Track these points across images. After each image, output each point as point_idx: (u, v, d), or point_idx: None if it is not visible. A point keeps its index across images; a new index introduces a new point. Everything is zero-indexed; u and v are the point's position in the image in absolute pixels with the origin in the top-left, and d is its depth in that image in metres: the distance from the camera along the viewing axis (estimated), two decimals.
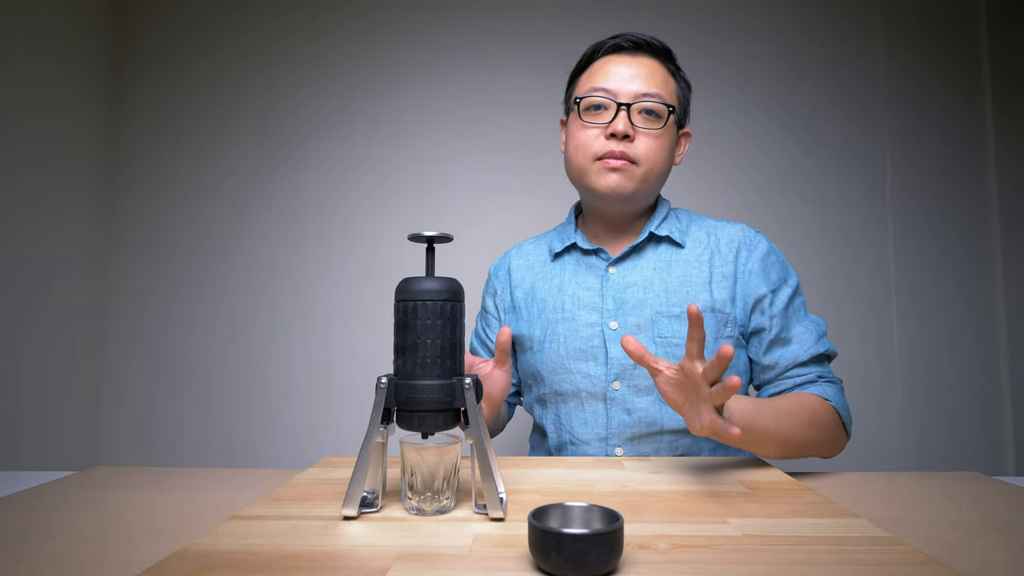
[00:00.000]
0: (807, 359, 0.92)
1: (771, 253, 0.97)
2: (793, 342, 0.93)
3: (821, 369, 0.93)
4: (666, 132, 0.94)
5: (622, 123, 0.90)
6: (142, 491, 0.74)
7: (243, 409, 1.81)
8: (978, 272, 1.79)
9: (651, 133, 0.92)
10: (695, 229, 1.00)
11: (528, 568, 0.47)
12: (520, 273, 1.08)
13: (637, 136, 0.92)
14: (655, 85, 0.93)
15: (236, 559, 0.49)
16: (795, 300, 0.95)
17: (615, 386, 0.93)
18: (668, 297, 0.94)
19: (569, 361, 0.96)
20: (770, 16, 1.84)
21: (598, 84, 0.94)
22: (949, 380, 1.77)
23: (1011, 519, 0.63)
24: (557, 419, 0.98)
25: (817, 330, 0.94)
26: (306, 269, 1.84)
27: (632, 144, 0.92)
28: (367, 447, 0.59)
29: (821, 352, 0.92)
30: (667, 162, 0.96)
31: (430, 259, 0.62)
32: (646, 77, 0.92)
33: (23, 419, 1.53)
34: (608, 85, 0.93)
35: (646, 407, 0.92)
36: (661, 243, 0.99)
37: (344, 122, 1.86)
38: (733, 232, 0.98)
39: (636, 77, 0.92)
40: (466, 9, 1.86)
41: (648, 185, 0.95)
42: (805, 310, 0.96)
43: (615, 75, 0.93)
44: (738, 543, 0.52)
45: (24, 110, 1.52)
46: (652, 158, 0.93)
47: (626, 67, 0.93)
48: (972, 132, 1.81)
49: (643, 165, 0.92)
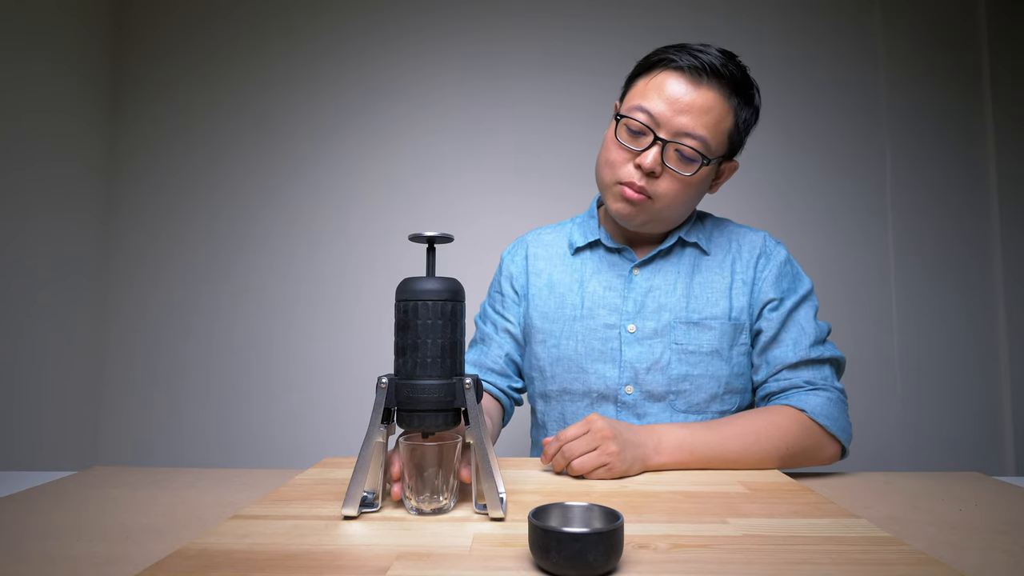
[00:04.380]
0: (796, 361, 0.90)
1: (788, 263, 0.97)
2: (784, 344, 0.92)
3: (813, 374, 0.89)
4: (695, 178, 0.89)
5: (651, 159, 0.86)
6: (142, 491, 0.74)
7: (243, 409, 1.81)
8: (978, 272, 1.79)
9: (678, 177, 0.88)
10: (718, 235, 1.00)
11: (528, 567, 0.47)
12: (538, 262, 1.05)
13: (663, 174, 0.88)
14: (703, 127, 0.86)
15: (236, 559, 0.49)
16: (801, 306, 0.94)
17: (628, 390, 0.93)
18: (689, 303, 0.94)
19: (585, 360, 0.95)
20: (770, 16, 1.84)
21: (646, 104, 0.87)
22: (949, 380, 1.77)
23: (1011, 519, 0.63)
24: (562, 417, 0.98)
25: (816, 335, 0.91)
26: (306, 269, 1.84)
27: (656, 181, 0.88)
28: (367, 447, 0.59)
29: (814, 357, 0.90)
30: (690, 201, 0.92)
31: (430, 259, 0.62)
32: (697, 114, 0.86)
33: (23, 419, 1.53)
34: (655, 108, 0.86)
35: (656, 413, 0.92)
36: (687, 247, 0.98)
37: (344, 122, 1.86)
38: (755, 240, 0.98)
39: (686, 111, 0.85)
40: (466, 9, 1.86)
41: (663, 220, 0.93)
42: (813, 317, 0.94)
43: (666, 100, 0.86)
44: (738, 543, 0.52)
45: (24, 110, 1.52)
46: (671, 198, 0.90)
47: (681, 95, 0.86)
48: (972, 132, 1.81)
49: (660, 203, 0.90)
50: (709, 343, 0.92)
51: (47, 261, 1.60)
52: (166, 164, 1.86)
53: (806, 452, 0.84)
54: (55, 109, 1.63)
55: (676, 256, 0.97)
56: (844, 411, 0.89)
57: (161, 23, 1.87)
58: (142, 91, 1.86)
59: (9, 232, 1.49)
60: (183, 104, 1.86)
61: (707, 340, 0.92)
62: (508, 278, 1.07)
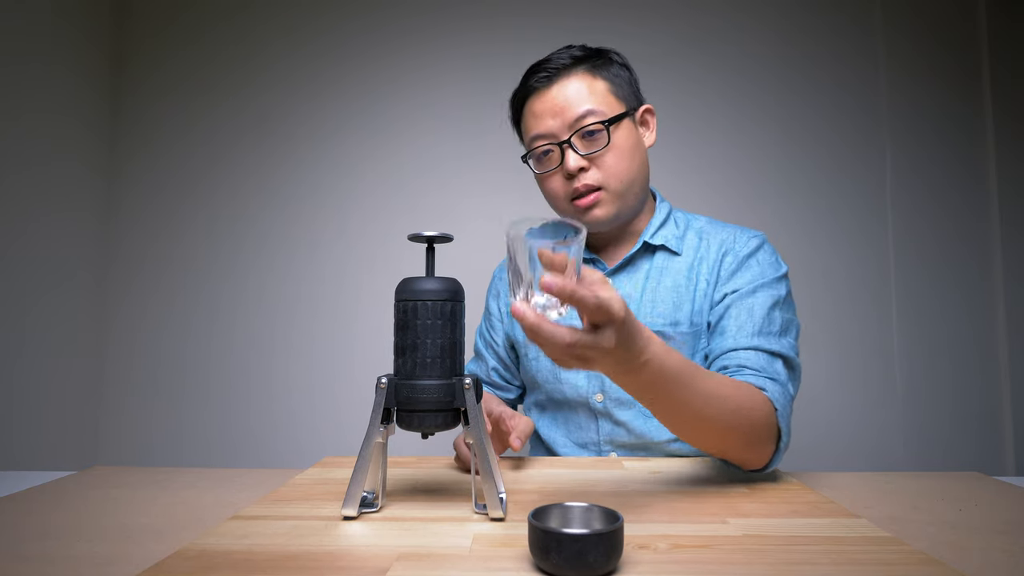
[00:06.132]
0: (734, 348, 0.81)
1: (754, 254, 0.90)
2: (727, 332, 0.84)
3: (764, 361, 0.79)
4: (617, 141, 0.89)
5: (572, 160, 0.88)
6: (142, 491, 0.74)
7: (243, 409, 1.81)
8: (978, 272, 1.79)
9: (603, 155, 0.88)
10: (691, 235, 0.96)
11: (528, 568, 0.47)
12: None
13: (591, 162, 0.89)
14: (583, 103, 0.88)
15: (236, 559, 0.49)
16: (758, 292, 0.85)
17: (598, 398, 0.94)
18: (654, 308, 0.92)
19: (559, 371, 0.97)
20: (770, 16, 1.84)
21: (533, 131, 0.91)
22: (949, 380, 1.77)
23: (1011, 519, 0.63)
24: (554, 423, 0.99)
25: (764, 324, 0.82)
26: (306, 269, 1.84)
27: (590, 172, 0.89)
28: (367, 447, 0.59)
29: (765, 347, 0.80)
30: (635, 164, 0.91)
31: (430, 259, 0.62)
32: (571, 102, 0.88)
33: (23, 419, 1.53)
34: (542, 129, 0.90)
35: (630, 419, 0.92)
36: (657, 251, 0.96)
37: (344, 122, 1.86)
38: (724, 237, 0.94)
39: (562, 108, 0.88)
40: (467, 9, 1.86)
41: (627, 198, 0.92)
42: (770, 306, 0.84)
43: (544, 115, 0.90)
44: (738, 543, 0.52)
45: (24, 111, 1.52)
46: (617, 173, 0.89)
47: (549, 102, 0.89)
48: (972, 132, 1.81)
49: (612, 185, 0.89)
50: None
51: (47, 261, 1.60)
52: (166, 164, 1.85)
53: (760, 442, 0.72)
54: (55, 110, 1.63)
55: (645, 261, 0.96)
56: (788, 422, 0.76)
57: (161, 23, 1.87)
58: (142, 91, 1.86)
59: (9, 232, 1.49)
60: (183, 104, 1.86)
61: None
62: (495, 296, 1.11)
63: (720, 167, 1.81)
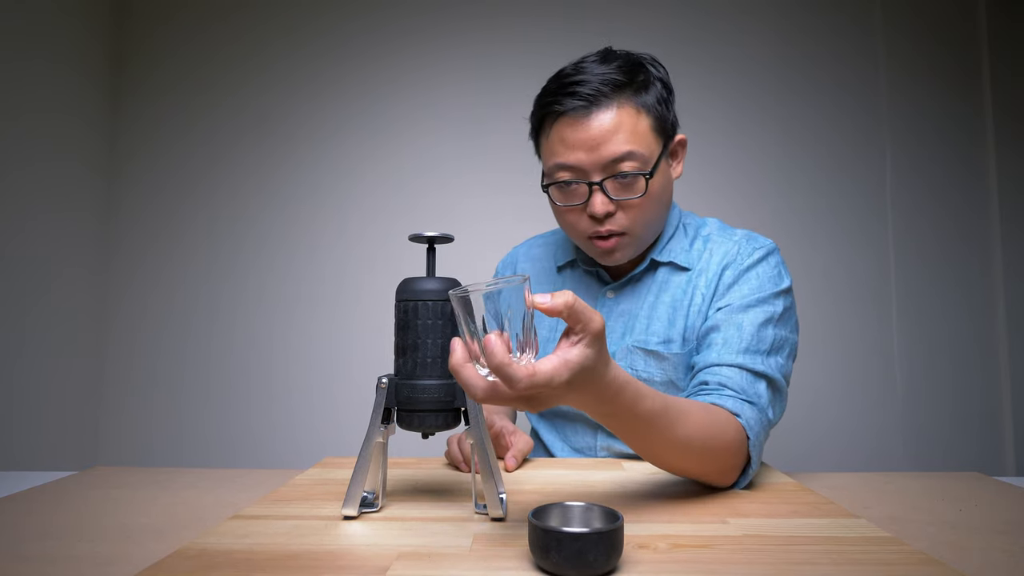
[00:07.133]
0: (717, 363, 0.77)
1: (757, 266, 0.85)
2: (713, 346, 0.79)
3: (746, 382, 0.74)
4: (653, 188, 0.82)
5: (599, 205, 0.81)
6: (142, 491, 0.74)
7: (243, 409, 1.81)
8: (978, 271, 1.79)
9: (634, 202, 0.82)
10: (699, 243, 0.92)
11: (528, 567, 0.47)
12: None
13: (619, 208, 0.82)
14: (623, 143, 0.79)
15: (236, 559, 0.49)
16: (750, 309, 0.80)
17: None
18: (650, 325, 0.88)
19: None
20: (770, 16, 1.84)
21: (560, 160, 0.82)
22: (949, 380, 1.77)
23: (1011, 519, 0.63)
24: (553, 429, 0.99)
25: (753, 342, 0.77)
26: (306, 269, 1.84)
27: (617, 217, 0.83)
28: (367, 447, 0.59)
29: (749, 366, 0.75)
30: (663, 208, 0.87)
31: (431, 259, 0.62)
32: (610, 138, 0.79)
33: (23, 419, 1.53)
34: (571, 160, 0.81)
35: None
36: (661, 266, 0.92)
37: (344, 122, 1.86)
38: (729, 248, 0.88)
39: (599, 142, 0.79)
40: (467, 10, 1.86)
41: (648, 237, 0.88)
42: (760, 323, 0.79)
43: (576, 147, 0.80)
44: (738, 543, 0.52)
45: (24, 110, 1.52)
46: (645, 221, 0.85)
47: (584, 132, 0.79)
48: (972, 132, 1.81)
49: (634, 230, 0.85)
50: (663, 374, 0.87)
51: (47, 261, 1.60)
52: (166, 164, 1.86)
53: (727, 469, 0.69)
54: (55, 109, 1.63)
55: (649, 277, 0.92)
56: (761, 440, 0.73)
57: (161, 23, 1.87)
58: (142, 91, 1.86)
59: (9, 232, 1.49)
60: (183, 104, 1.86)
61: (660, 371, 0.87)
62: None
63: (720, 167, 1.81)
